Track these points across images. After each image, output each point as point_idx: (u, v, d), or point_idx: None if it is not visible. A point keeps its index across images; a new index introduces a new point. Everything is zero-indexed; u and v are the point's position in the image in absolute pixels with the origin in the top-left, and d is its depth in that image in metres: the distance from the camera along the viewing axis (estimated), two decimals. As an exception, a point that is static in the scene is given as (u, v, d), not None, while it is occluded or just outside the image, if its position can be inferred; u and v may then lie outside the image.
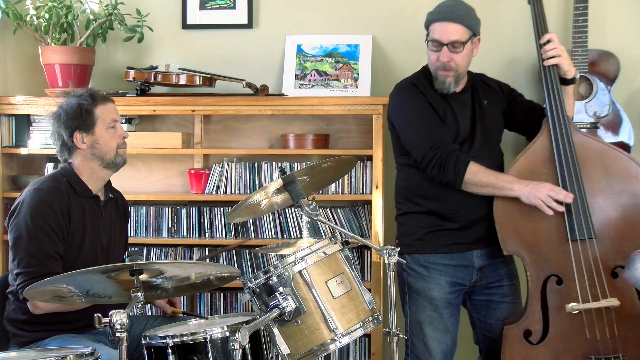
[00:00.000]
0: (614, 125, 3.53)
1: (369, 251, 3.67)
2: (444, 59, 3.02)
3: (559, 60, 3.08)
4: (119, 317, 2.24)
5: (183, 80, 3.70)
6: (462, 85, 3.16)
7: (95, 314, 2.26)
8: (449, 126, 3.08)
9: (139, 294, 2.40)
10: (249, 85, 3.70)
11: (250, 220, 3.70)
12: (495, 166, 3.11)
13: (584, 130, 3.45)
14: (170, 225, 3.77)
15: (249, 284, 2.53)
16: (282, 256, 2.82)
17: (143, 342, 2.59)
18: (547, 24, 3.19)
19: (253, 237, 3.72)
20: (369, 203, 3.65)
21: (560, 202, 2.91)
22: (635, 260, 2.52)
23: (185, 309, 3.70)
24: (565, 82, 3.12)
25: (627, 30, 3.68)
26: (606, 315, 2.94)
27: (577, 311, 2.94)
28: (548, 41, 3.10)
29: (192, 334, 2.54)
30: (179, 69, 3.75)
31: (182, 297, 3.65)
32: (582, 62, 3.45)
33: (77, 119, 2.91)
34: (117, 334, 2.24)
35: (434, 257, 3.09)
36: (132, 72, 3.75)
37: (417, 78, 3.18)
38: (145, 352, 2.58)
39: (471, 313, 3.27)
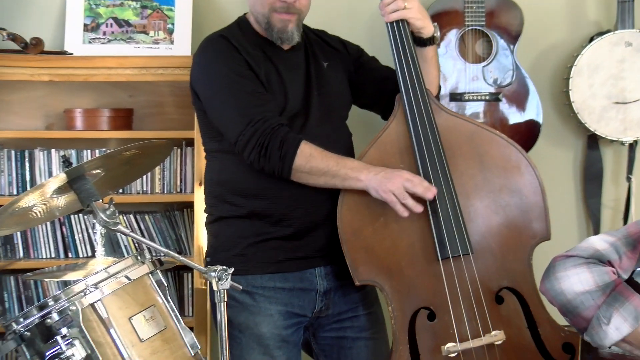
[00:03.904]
0: (520, 98, 3.41)
1: (190, 274, 3.59)
2: None
3: (403, 13, 2.96)
4: None
5: None
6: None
7: None
8: (275, 94, 2.94)
9: None
10: (13, 37, 3.44)
11: (19, 233, 3.58)
12: (340, 150, 2.93)
13: (479, 104, 3.40)
14: None
15: (15, 326, 2.43)
16: (67, 283, 2.72)
17: None
18: None
19: (23, 256, 3.60)
20: (189, 206, 3.55)
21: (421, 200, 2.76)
22: (556, 268, 2.40)
23: None
24: (421, 43, 3.01)
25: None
26: (489, 353, 2.84)
27: (455, 353, 2.82)
28: None
29: None
30: None
31: None
32: (477, 12, 3.42)
33: None
34: None
35: (260, 278, 2.94)
36: None
37: (230, 30, 3.04)
38: None
39: (318, 358, 3.10)
